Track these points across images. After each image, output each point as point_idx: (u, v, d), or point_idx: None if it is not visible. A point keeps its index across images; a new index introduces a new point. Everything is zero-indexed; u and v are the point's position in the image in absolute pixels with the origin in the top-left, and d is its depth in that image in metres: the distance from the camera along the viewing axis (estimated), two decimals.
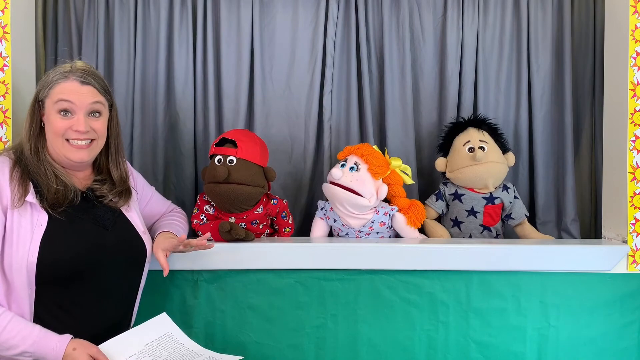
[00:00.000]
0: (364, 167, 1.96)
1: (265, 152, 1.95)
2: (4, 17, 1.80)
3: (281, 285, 1.84)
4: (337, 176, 1.93)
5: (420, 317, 1.86)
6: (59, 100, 1.45)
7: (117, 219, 1.53)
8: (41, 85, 1.49)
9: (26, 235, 1.37)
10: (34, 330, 1.34)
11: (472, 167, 2.09)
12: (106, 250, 1.47)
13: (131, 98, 2.20)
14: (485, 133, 2.15)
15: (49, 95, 1.46)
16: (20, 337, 1.32)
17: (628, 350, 1.89)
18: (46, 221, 1.39)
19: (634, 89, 1.91)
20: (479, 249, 1.88)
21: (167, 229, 1.70)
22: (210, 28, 2.21)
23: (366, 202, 1.93)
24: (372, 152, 2.00)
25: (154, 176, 2.20)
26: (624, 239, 1.94)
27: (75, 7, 2.20)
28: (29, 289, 1.36)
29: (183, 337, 1.51)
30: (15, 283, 1.35)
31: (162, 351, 1.43)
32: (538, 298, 1.87)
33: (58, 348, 1.33)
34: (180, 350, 1.46)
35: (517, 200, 2.16)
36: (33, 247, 1.36)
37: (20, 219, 1.38)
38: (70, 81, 1.46)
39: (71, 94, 1.45)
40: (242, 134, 1.94)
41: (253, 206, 1.93)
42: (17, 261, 1.35)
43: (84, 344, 1.36)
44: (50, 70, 1.51)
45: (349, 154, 2.03)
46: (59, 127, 1.45)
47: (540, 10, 2.30)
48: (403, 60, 2.26)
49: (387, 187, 1.98)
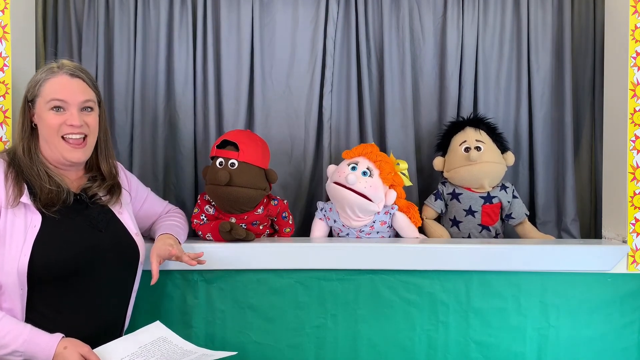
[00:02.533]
0: (376, 173, 1.95)
1: (266, 154, 1.95)
2: (4, 17, 1.80)
3: (281, 285, 1.84)
4: (352, 181, 1.90)
5: (420, 317, 1.86)
6: (52, 98, 1.45)
7: (110, 220, 1.53)
8: (29, 85, 1.50)
9: (19, 236, 1.37)
10: (25, 330, 1.33)
11: (467, 167, 2.09)
12: (99, 252, 1.46)
13: (131, 98, 2.20)
14: (482, 132, 2.14)
15: (39, 94, 1.47)
16: (10, 337, 1.31)
17: (628, 350, 1.89)
18: (40, 222, 1.39)
19: (634, 89, 1.91)
20: (479, 249, 1.88)
21: (167, 230, 1.70)
22: (210, 28, 2.21)
23: (376, 207, 1.94)
24: (384, 158, 2.00)
25: (154, 176, 2.20)
26: (624, 239, 1.93)
27: (75, 7, 2.20)
28: (20, 290, 1.36)
29: (177, 339, 1.51)
30: (7, 283, 1.35)
31: (156, 351, 1.43)
32: (538, 298, 1.87)
33: (48, 347, 1.32)
34: (174, 350, 1.46)
35: (516, 200, 2.16)
36: (26, 248, 1.36)
37: (14, 219, 1.38)
38: (60, 76, 1.47)
39: (63, 90, 1.46)
40: (243, 136, 1.93)
41: (254, 207, 1.93)
42: (9, 262, 1.35)
43: (75, 343, 1.35)
44: (37, 71, 1.52)
45: (358, 155, 2.00)
46: (53, 124, 1.45)
47: (540, 10, 2.29)
48: (403, 60, 2.26)
49: (395, 192, 1.98)
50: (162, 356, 1.42)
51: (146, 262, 1.59)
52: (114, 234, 1.52)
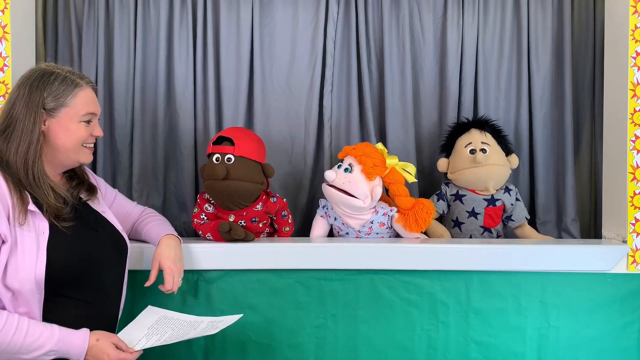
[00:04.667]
0: (357, 168, 1.95)
1: (262, 149, 1.95)
2: (4, 17, 1.80)
3: (281, 285, 1.84)
4: (330, 178, 1.94)
5: (420, 317, 1.86)
6: (87, 112, 1.48)
7: (99, 221, 1.55)
8: (44, 93, 1.43)
9: (31, 243, 1.37)
10: (54, 329, 1.35)
11: (472, 170, 2.09)
12: (102, 251, 1.50)
13: (131, 98, 2.20)
14: (487, 135, 2.14)
15: (67, 105, 1.45)
16: (44, 338, 1.33)
17: (628, 350, 1.89)
18: (48, 229, 1.39)
19: (634, 89, 1.91)
20: (479, 249, 1.88)
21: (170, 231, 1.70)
22: (210, 28, 2.21)
23: (360, 203, 1.93)
24: (367, 152, 1.97)
25: (154, 176, 2.20)
26: (624, 239, 1.93)
27: (75, 7, 2.20)
28: (38, 294, 1.37)
29: (177, 314, 1.57)
30: (24, 290, 1.35)
31: (166, 328, 1.49)
32: (538, 298, 1.87)
33: (82, 342, 1.37)
34: (181, 323, 1.52)
35: (519, 203, 2.16)
36: (41, 254, 1.36)
37: (24, 226, 1.37)
38: (86, 88, 1.49)
39: (94, 103, 1.52)
40: (238, 132, 1.95)
41: (252, 203, 1.93)
42: (25, 269, 1.35)
43: (104, 334, 1.41)
44: (44, 78, 1.44)
45: (347, 154, 2.02)
46: (83, 135, 1.48)
47: (540, 10, 2.30)
48: (403, 60, 2.26)
49: (381, 187, 1.97)
50: (173, 331, 1.48)
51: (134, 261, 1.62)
52: (107, 232, 1.55)
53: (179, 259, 1.66)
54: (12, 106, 1.43)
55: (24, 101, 1.42)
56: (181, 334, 1.48)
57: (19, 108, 1.42)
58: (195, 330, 1.50)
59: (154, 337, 1.46)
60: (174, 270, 1.62)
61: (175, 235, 1.70)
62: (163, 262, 1.62)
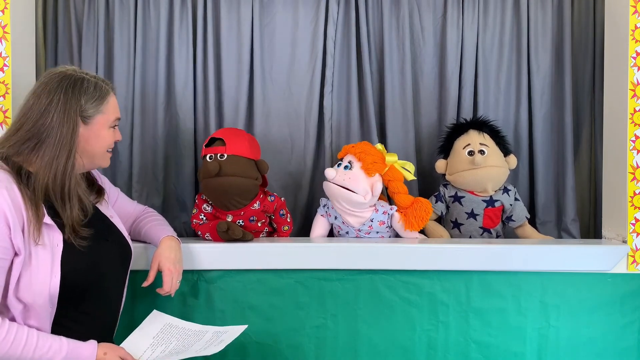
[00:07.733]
0: (357, 165, 1.96)
1: (254, 146, 1.96)
2: (4, 17, 1.80)
3: (281, 285, 1.84)
4: (331, 176, 1.94)
5: (420, 317, 1.86)
6: (116, 117, 1.50)
7: (108, 228, 1.54)
8: (83, 101, 1.40)
9: (46, 256, 1.34)
10: (63, 342, 1.34)
11: (471, 171, 2.08)
12: (109, 260, 1.49)
13: (131, 98, 2.20)
14: (486, 136, 2.13)
15: (102, 111, 1.44)
16: (52, 351, 1.32)
17: (628, 350, 1.89)
18: (61, 241, 1.37)
19: (634, 89, 1.91)
20: (479, 249, 1.88)
21: (170, 233, 1.70)
22: (210, 28, 2.21)
23: (360, 198, 1.93)
24: (366, 150, 1.99)
25: (154, 176, 2.20)
26: (624, 239, 1.93)
27: (75, 7, 2.20)
28: (50, 308, 1.35)
29: (181, 322, 1.56)
30: (37, 303, 1.33)
31: (171, 338, 1.49)
32: (538, 298, 1.87)
33: (90, 354, 1.36)
34: (187, 333, 1.51)
35: (518, 202, 2.16)
36: (55, 268, 1.34)
37: (37, 242, 1.34)
38: (112, 95, 1.50)
39: (118, 108, 1.52)
40: (229, 132, 1.96)
41: (249, 201, 1.93)
42: (39, 283, 1.32)
43: (112, 347, 1.40)
44: (78, 85, 1.41)
45: (346, 153, 2.03)
46: (111, 142, 1.50)
47: (540, 10, 2.29)
48: (403, 60, 2.26)
49: (381, 183, 1.98)
50: (178, 342, 1.47)
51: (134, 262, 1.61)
52: (115, 241, 1.54)
53: (179, 261, 1.66)
54: (43, 114, 1.35)
55: (60, 109, 1.36)
56: (186, 345, 1.47)
57: (55, 116, 1.36)
58: (199, 341, 1.48)
59: (159, 348, 1.45)
60: (174, 272, 1.62)
61: (175, 237, 1.70)
62: (163, 263, 1.62)
